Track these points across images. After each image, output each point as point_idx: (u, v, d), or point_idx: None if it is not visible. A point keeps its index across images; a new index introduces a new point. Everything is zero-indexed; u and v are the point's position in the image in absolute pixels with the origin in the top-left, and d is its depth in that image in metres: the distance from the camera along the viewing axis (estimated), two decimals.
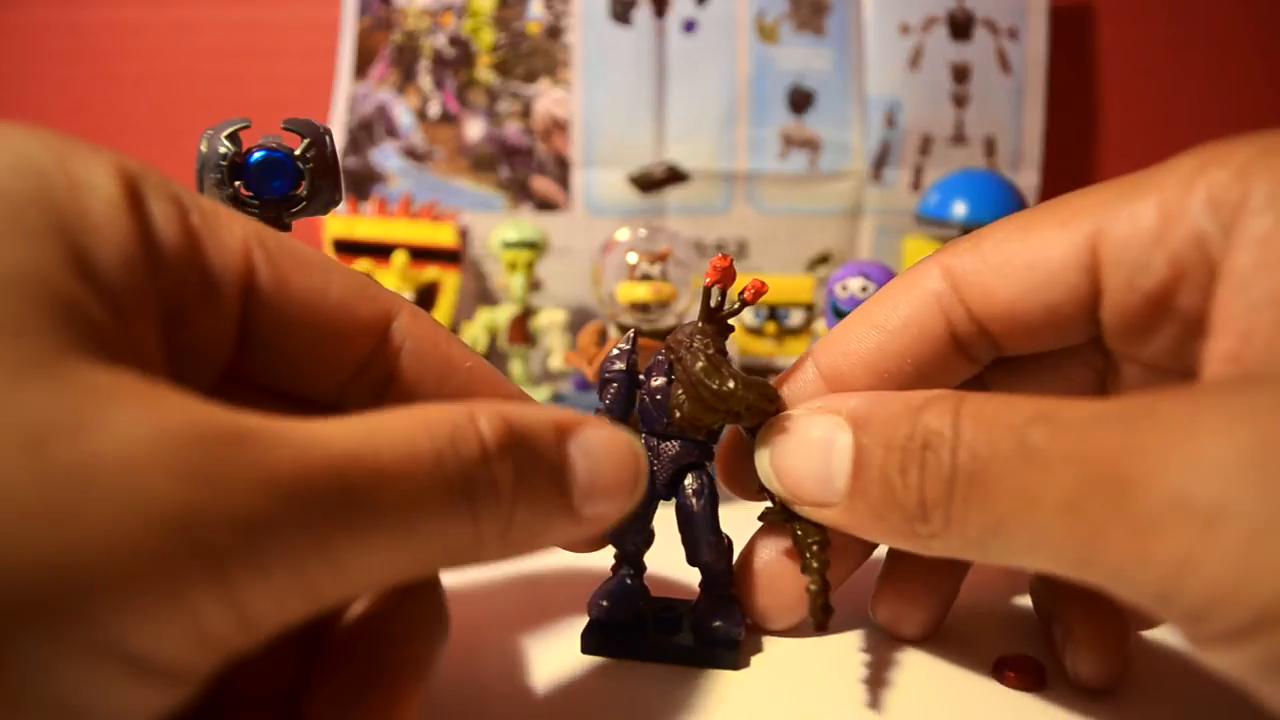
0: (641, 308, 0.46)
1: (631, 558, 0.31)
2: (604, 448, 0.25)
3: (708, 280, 0.28)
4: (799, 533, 0.29)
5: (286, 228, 0.32)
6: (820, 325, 0.56)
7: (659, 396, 0.29)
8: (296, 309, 0.25)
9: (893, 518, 0.23)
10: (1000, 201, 0.52)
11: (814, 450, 0.25)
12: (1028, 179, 0.66)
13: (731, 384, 0.27)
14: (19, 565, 0.14)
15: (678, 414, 0.28)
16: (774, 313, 0.56)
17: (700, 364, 0.28)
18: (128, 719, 0.16)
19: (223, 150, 0.30)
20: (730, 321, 0.29)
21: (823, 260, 0.66)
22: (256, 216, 0.31)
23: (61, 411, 0.16)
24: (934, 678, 0.29)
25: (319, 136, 0.31)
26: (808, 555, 0.28)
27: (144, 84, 0.72)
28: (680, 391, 0.28)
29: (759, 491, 0.29)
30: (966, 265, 0.27)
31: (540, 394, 0.58)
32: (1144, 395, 0.20)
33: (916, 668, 0.30)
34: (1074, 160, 0.72)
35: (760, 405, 0.28)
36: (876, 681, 0.29)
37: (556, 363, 0.56)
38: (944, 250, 0.28)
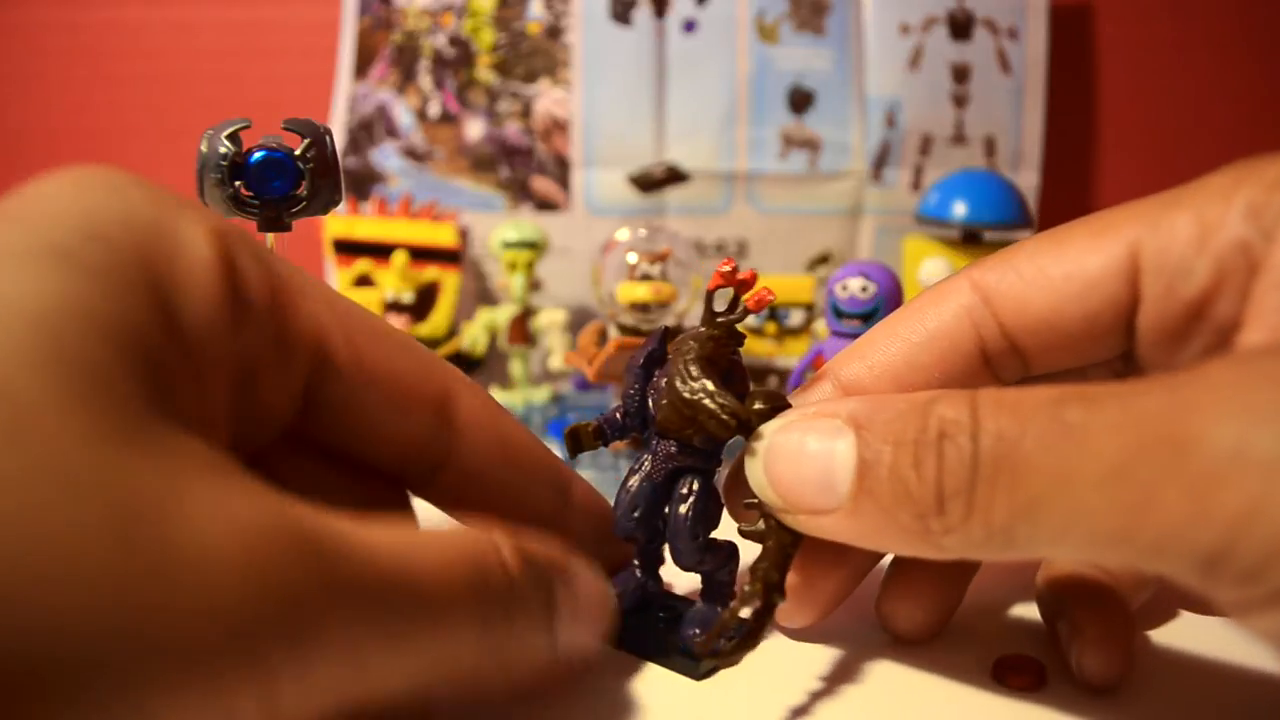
0: (641, 308, 0.46)
1: (642, 552, 0.31)
2: (583, 581, 0.25)
3: (711, 284, 0.28)
4: (770, 544, 0.27)
5: (286, 227, 0.32)
6: (820, 325, 0.56)
7: (653, 394, 0.30)
8: (365, 382, 0.25)
9: (904, 516, 0.22)
10: (1000, 201, 0.52)
11: (811, 455, 0.24)
12: (1028, 179, 0.66)
13: (700, 394, 0.27)
14: (84, 635, 0.14)
15: (659, 415, 0.28)
16: (774, 313, 0.56)
17: (679, 367, 0.28)
18: None
19: (223, 150, 0.30)
20: (739, 329, 0.29)
21: (823, 260, 0.66)
22: (256, 216, 0.31)
23: (147, 490, 0.16)
24: (934, 678, 0.29)
25: (319, 136, 0.31)
26: (766, 563, 0.27)
27: (144, 84, 0.72)
28: (665, 394, 0.28)
29: (747, 508, 0.28)
30: (999, 279, 0.27)
31: (540, 394, 0.58)
32: (1186, 368, 0.20)
33: (916, 668, 0.30)
34: (1074, 160, 0.72)
35: (722, 419, 0.27)
36: (875, 682, 0.29)
37: (556, 363, 0.56)
38: (973, 266, 0.28)
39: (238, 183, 0.31)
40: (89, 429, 0.16)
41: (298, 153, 0.31)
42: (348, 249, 0.59)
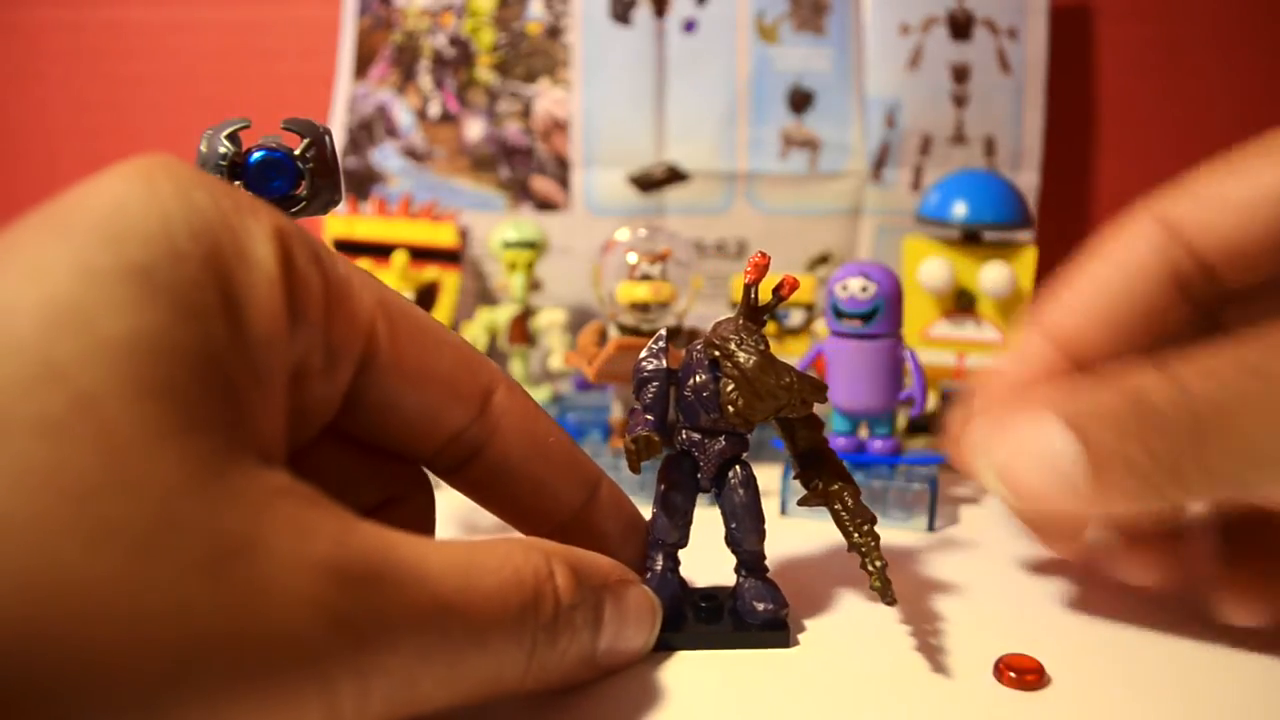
0: (641, 308, 0.46)
1: (672, 551, 0.32)
2: (632, 602, 0.28)
3: (748, 278, 0.29)
4: (844, 516, 0.30)
5: None
6: (820, 325, 0.56)
7: (705, 394, 0.30)
8: (406, 381, 0.26)
9: (1147, 493, 0.24)
10: (1000, 201, 0.52)
11: (1040, 457, 0.25)
12: (1028, 179, 0.66)
13: (788, 378, 0.28)
14: (182, 657, 0.17)
15: (731, 409, 0.29)
16: (774, 313, 0.56)
17: (754, 360, 0.29)
18: None
19: (222, 150, 0.30)
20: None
21: (823, 260, 0.66)
22: None
23: (236, 529, 0.18)
24: (934, 677, 0.29)
25: (319, 136, 0.31)
26: (857, 536, 0.30)
27: (144, 84, 0.72)
28: (732, 388, 0.29)
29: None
30: (1182, 208, 0.28)
31: (540, 394, 0.58)
32: None
33: (916, 667, 0.30)
34: (1074, 160, 0.72)
35: (813, 398, 0.29)
36: (876, 681, 0.29)
37: (556, 363, 0.56)
38: (1151, 202, 0.29)
39: (237, 183, 0.31)
40: (183, 470, 0.18)
41: (297, 153, 0.31)
42: (348, 249, 0.59)
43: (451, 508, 0.46)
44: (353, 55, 0.67)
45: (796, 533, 0.41)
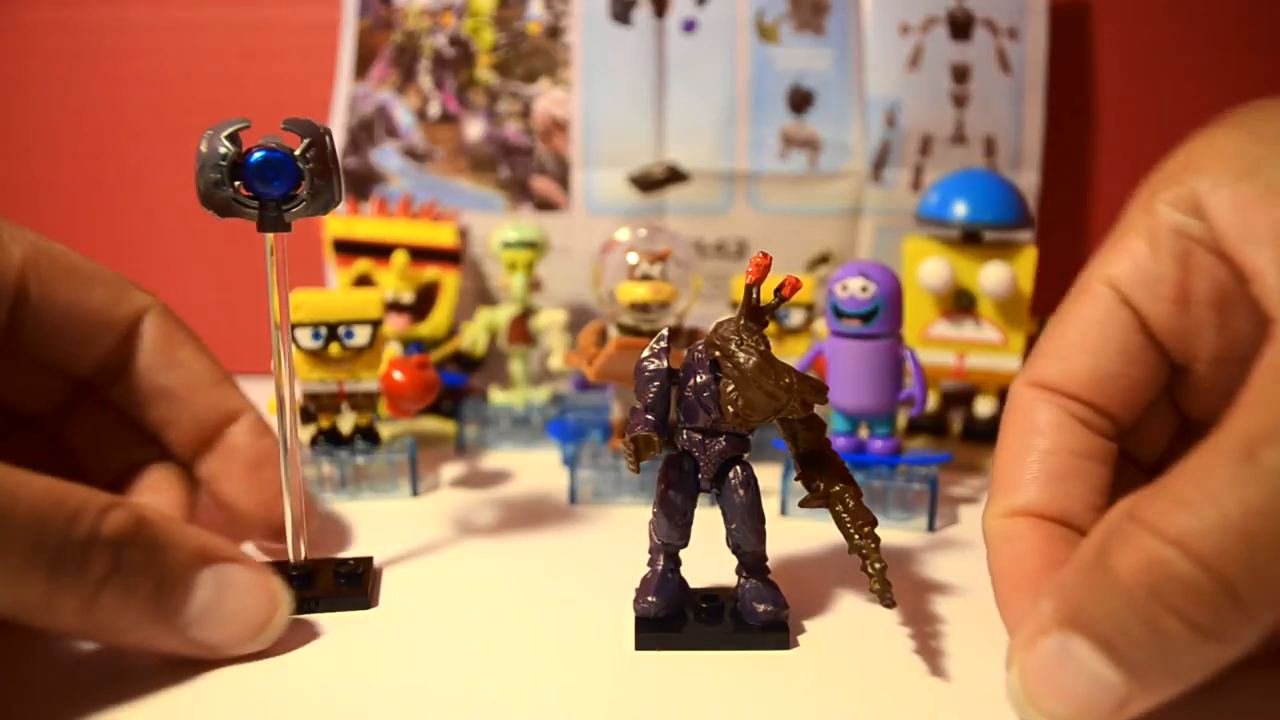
0: (641, 308, 0.46)
1: (673, 552, 0.32)
2: (240, 584, 0.29)
3: (750, 279, 0.29)
4: (845, 517, 0.30)
5: (286, 227, 0.32)
6: (820, 325, 0.56)
7: (706, 394, 0.30)
8: (59, 312, 0.34)
9: (1185, 662, 0.22)
10: (1000, 201, 0.52)
11: (1067, 677, 0.23)
12: (1028, 179, 0.66)
13: (788, 379, 0.28)
14: None
15: (731, 410, 0.29)
16: (775, 313, 0.56)
17: (754, 360, 0.29)
18: None
19: (222, 150, 0.30)
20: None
21: (823, 260, 0.66)
22: (256, 216, 0.31)
23: None
24: (933, 679, 0.29)
25: (319, 136, 0.31)
26: (858, 538, 0.30)
27: (144, 84, 0.72)
28: (732, 388, 0.29)
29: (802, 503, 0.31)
30: (1050, 370, 0.30)
31: (540, 394, 0.58)
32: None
33: (913, 668, 0.30)
34: (1074, 160, 0.72)
35: (813, 399, 0.29)
36: (875, 683, 0.29)
37: (556, 363, 0.56)
38: (1026, 369, 0.31)
39: (237, 183, 0.31)
40: None
41: (298, 152, 0.31)
42: (348, 249, 0.59)
43: (453, 507, 0.46)
44: (353, 55, 0.67)
45: (797, 533, 0.41)
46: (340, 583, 0.35)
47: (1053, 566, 0.27)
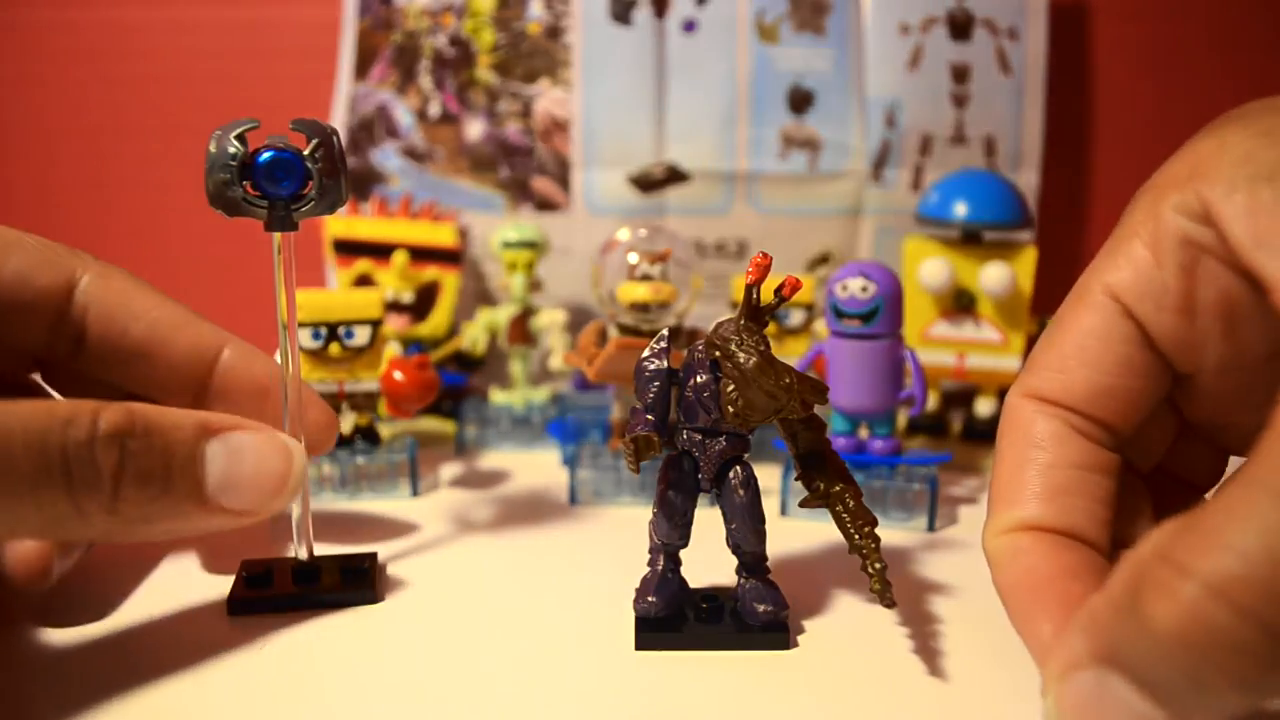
0: (641, 308, 0.46)
1: (673, 552, 0.32)
2: (251, 447, 0.29)
3: (750, 279, 0.29)
4: (845, 518, 0.30)
5: (294, 227, 0.32)
6: (820, 325, 0.56)
7: (706, 394, 0.30)
8: None
9: (1230, 704, 0.21)
10: (1000, 201, 0.52)
11: (1106, 710, 0.22)
12: (1028, 179, 0.66)
13: (788, 379, 0.28)
14: None
15: (731, 410, 0.29)
16: (775, 313, 0.56)
17: (754, 360, 0.29)
18: None
19: (231, 150, 0.30)
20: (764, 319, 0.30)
21: (823, 260, 0.66)
22: (264, 216, 0.31)
23: None
24: (932, 679, 0.29)
25: (327, 137, 0.31)
26: (858, 538, 0.30)
27: (144, 84, 0.72)
28: (732, 388, 0.29)
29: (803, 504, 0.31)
30: (1045, 381, 0.29)
31: (540, 394, 0.58)
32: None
33: (913, 669, 0.30)
34: (1074, 160, 0.72)
35: (813, 399, 0.29)
36: (877, 681, 0.29)
37: (556, 363, 0.56)
38: (1021, 381, 0.30)
39: (245, 182, 0.31)
40: None
41: (307, 152, 0.31)
42: (348, 249, 0.59)
43: (453, 507, 0.46)
44: (353, 55, 0.67)
45: (796, 533, 0.41)
46: (347, 578, 0.35)
47: (1067, 575, 0.27)
